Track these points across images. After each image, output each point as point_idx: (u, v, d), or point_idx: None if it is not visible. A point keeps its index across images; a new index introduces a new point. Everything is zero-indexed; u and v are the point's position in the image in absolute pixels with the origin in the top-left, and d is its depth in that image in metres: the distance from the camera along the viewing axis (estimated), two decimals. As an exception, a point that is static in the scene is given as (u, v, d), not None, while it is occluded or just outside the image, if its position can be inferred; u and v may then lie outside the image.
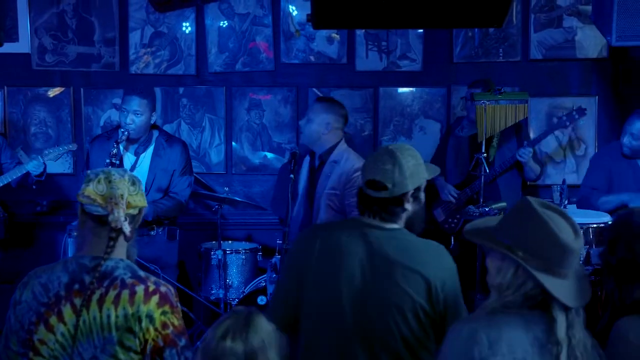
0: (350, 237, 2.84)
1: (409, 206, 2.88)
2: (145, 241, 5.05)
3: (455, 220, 5.57)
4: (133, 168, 5.09)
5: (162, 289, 2.54)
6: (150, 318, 2.47)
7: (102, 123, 6.33)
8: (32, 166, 5.21)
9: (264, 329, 2.21)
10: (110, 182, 2.53)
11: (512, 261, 2.20)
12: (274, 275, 4.74)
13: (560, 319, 2.15)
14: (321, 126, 4.81)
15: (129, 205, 2.53)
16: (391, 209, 2.85)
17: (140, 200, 2.59)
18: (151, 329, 2.47)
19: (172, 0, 3.46)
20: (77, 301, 2.48)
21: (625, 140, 5.04)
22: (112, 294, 2.48)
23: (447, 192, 5.65)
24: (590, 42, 6.16)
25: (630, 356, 2.40)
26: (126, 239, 2.56)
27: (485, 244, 2.29)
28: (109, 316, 2.46)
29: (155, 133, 5.25)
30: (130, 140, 5.08)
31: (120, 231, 2.52)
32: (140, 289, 2.50)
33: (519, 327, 2.16)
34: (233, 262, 5.56)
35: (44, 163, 5.25)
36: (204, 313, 5.91)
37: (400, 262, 2.76)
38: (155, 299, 2.50)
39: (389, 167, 2.81)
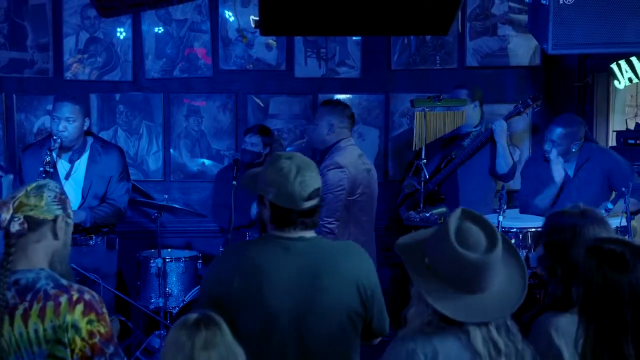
0: (270, 257, 2.75)
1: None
2: (84, 251, 4.97)
3: (419, 216, 5.64)
4: (68, 176, 4.99)
5: (86, 296, 2.47)
6: (76, 328, 2.41)
7: (35, 130, 6.18)
8: None
9: (229, 336, 2.25)
10: (17, 190, 2.54)
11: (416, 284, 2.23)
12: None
13: (474, 333, 2.16)
14: (324, 128, 4.96)
15: (19, 205, 2.44)
16: (317, 216, 2.81)
17: (35, 201, 2.47)
18: (77, 339, 2.41)
19: (117, 5, 3.40)
20: None
21: (546, 146, 5.15)
22: (36, 307, 2.40)
23: (408, 183, 5.76)
24: (523, 50, 6.30)
25: (547, 354, 2.44)
26: (13, 238, 2.43)
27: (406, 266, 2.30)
28: (36, 331, 2.39)
29: (90, 139, 5.15)
30: (63, 148, 4.97)
31: (11, 234, 2.42)
32: (63, 299, 2.43)
33: (455, 342, 2.18)
34: (173, 270, 5.50)
35: None
36: (143, 322, 5.81)
37: (328, 270, 2.74)
38: (79, 307, 2.43)
39: (314, 173, 2.77)
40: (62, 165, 5.04)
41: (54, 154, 4.93)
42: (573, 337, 2.22)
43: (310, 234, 2.81)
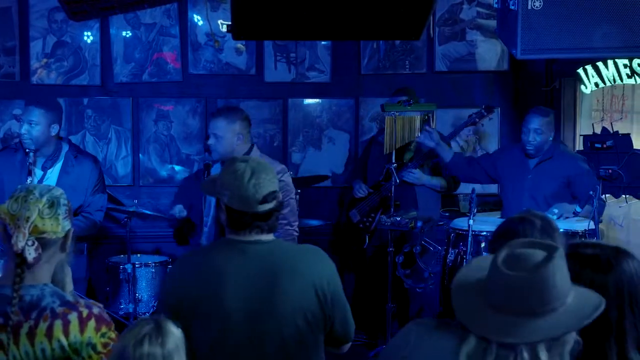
0: (227, 260, 2.73)
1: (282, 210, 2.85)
2: (52, 257, 4.88)
3: (370, 219, 5.67)
4: (39, 183, 4.91)
5: (95, 310, 2.40)
6: (92, 346, 2.35)
7: (1, 135, 6.11)
8: None
9: (175, 333, 2.20)
10: (25, 201, 2.36)
11: None
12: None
13: (470, 341, 2.12)
14: (233, 138, 4.65)
15: (34, 230, 2.34)
16: (276, 217, 2.78)
17: (52, 226, 2.38)
18: (93, 355, 2.36)
19: (88, 9, 3.37)
20: (3, 336, 2.31)
21: (530, 137, 5.17)
22: (42, 326, 2.32)
23: (358, 188, 5.82)
24: (491, 55, 6.36)
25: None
26: (28, 265, 2.34)
27: None
28: (43, 350, 2.31)
29: (65, 147, 5.02)
30: (37, 152, 4.88)
31: (28, 262, 2.32)
32: (73, 317, 2.35)
33: (450, 340, 2.16)
34: (142, 275, 5.46)
35: None
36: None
37: (286, 273, 2.72)
38: (91, 324, 2.36)
39: (270, 176, 2.74)
40: (35, 172, 4.92)
41: (28, 160, 4.84)
42: None
43: (268, 237, 2.79)
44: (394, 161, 5.15)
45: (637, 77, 5.66)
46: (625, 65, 5.62)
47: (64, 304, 2.38)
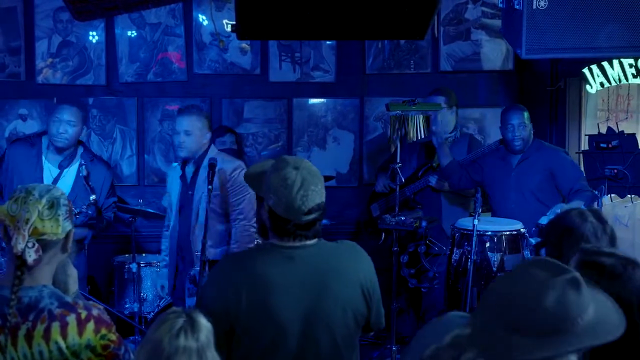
0: (278, 268, 2.69)
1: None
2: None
3: (394, 220, 5.65)
4: (55, 181, 4.89)
5: (94, 312, 2.38)
6: (91, 348, 2.34)
7: (7, 134, 6.12)
8: None
9: (207, 326, 2.18)
10: (25, 202, 2.33)
11: None
12: (192, 287, 4.68)
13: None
14: (201, 135, 4.81)
15: (34, 232, 2.31)
16: (316, 227, 2.73)
17: (52, 227, 2.34)
18: (93, 357, 2.35)
19: (92, 9, 3.37)
20: (1, 338, 2.28)
21: (517, 132, 5.18)
22: (40, 328, 2.29)
23: (381, 183, 5.79)
24: (496, 55, 6.36)
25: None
26: (28, 267, 2.31)
27: None
28: (41, 352, 2.29)
29: (80, 149, 5.08)
30: (54, 152, 4.93)
31: (28, 264, 2.30)
32: (71, 318, 2.33)
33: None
34: (147, 275, 5.48)
35: None
36: (118, 328, 5.75)
37: (333, 275, 2.71)
38: (90, 326, 2.34)
39: (318, 187, 2.69)
40: (50, 170, 4.95)
41: (43, 157, 4.91)
42: None
43: (311, 240, 2.74)
44: (398, 161, 5.13)
45: (642, 77, 5.66)
46: (630, 65, 5.60)
47: (62, 306, 2.35)
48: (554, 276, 1.79)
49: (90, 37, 6.15)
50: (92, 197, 4.69)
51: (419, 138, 5.09)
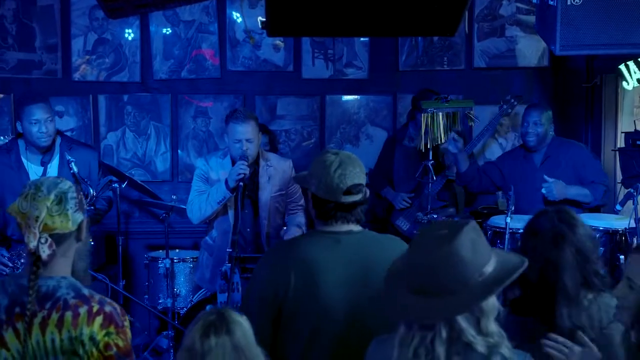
0: (325, 252, 2.81)
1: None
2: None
3: (426, 218, 5.62)
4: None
5: (107, 308, 2.39)
6: (94, 340, 2.34)
7: (44, 131, 6.19)
8: None
9: (241, 322, 2.21)
10: (34, 199, 2.35)
11: None
12: (224, 283, 4.69)
13: (400, 329, 2.16)
14: (259, 138, 4.75)
15: (45, 228, 2.34)
16: (362, 209, 2.87)
17: (62, 222, 2.36)
18: (94, 351, 2.34)
19: (124, 6, 3.40)
20: (20, 325, 2.32)
21: (530, 129, 5.17)
22: (54, 316, 2.33)
23: (399, 199, 5.73)
24: (531, 51, 6.30)
25: None
26: (43, 262, 2.34)
27: None
28: (53, 340, 2.32)
29: (58, 139, 4.92)
30: (34, 151, 4.80)
31: (42, 260, 2.33)
32: (83, 310, 2.35)
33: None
34: (180, 270, 5.50)
35: None
36: (151, 323, 5.82)
37: (377, 260, 2.76)
38: (98, 320, 2.35)
39: (357, 170, 2.82)
40: (34, 170, 4.82)
41: (23, 159, 4.78)
42: None
43: (357, 227, 2.88)
44: (430, 158, 5.09)
45: (679, 73, 5.56)
46: (668, 61, 5.52)
47: (78, 297, 2.38)
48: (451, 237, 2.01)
49: (126, 35, 6.20)
50: (92, 192, 4.59)
51: (441, 142, 5.04)
